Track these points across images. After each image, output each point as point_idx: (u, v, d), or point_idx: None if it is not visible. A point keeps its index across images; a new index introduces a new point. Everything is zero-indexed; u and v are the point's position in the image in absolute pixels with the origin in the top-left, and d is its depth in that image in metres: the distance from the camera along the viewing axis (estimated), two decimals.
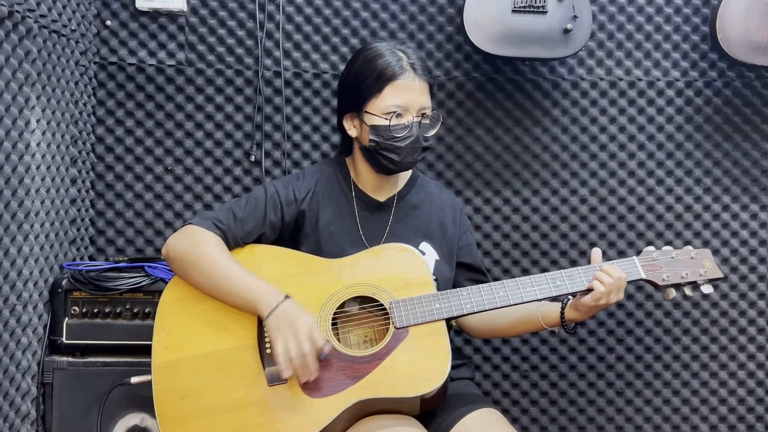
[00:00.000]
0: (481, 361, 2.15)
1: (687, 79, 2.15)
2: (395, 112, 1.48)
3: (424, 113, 1.51)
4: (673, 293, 1.51)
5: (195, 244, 1.46)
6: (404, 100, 1.48)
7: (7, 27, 1.53)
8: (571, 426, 2.15)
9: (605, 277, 1.42)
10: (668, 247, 1.54)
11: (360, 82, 1.51)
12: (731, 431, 2.16)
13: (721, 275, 1.51)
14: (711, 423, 2.15)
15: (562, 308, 1.49)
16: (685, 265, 1.51)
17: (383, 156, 1.51)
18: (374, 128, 1.49)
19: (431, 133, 1.54)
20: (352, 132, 1.57)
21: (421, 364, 1.38)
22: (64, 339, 1.73)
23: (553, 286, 1.46)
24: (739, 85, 2.15)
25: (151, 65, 2.07)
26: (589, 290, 1.44)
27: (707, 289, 1.52)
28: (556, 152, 2.14)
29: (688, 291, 1.52)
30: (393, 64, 1.48)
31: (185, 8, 2.05)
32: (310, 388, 1.37)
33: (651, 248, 1.54)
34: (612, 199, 2.15)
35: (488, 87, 2.12)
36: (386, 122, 1.48)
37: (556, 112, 2.14)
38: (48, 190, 1.74)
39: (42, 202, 1.71)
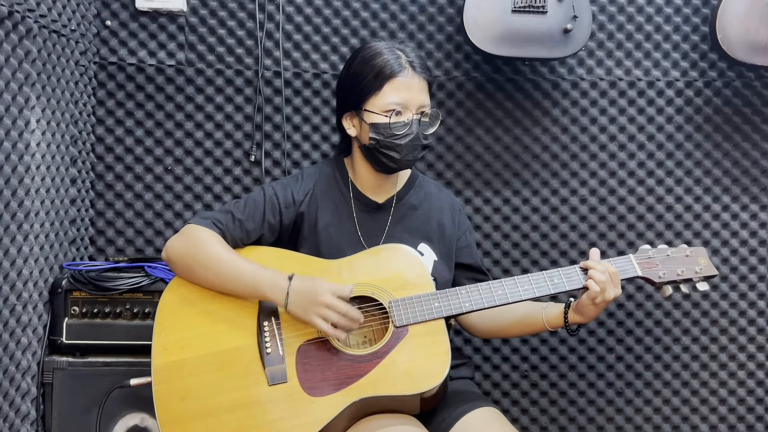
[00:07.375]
0: (481, 361, 2.15)
1: (687, 79, 2.15)
2: (395, 109, 1.48)
3: (424, 111, 1.52)
4: (669, 290, 1.52)
5: (195, 241, 1.47)
6: (403, 98, 1.49)
7: (7, 27, 1.53)
8: (571, 426, 2.15)
9: (597, 274, 1.43)
10: (664, 246, 1.56)
11: (359, 81, 1.51)
12: (731, 431, 2.16)
13: (716, 273, 1.53)
14: (711, 423, 2.15)
15: (566, 311, 1.49)
16: (680, 262, 1.52)
17: (383, 154, 1.51)
18: (374, 126, 1.49)
19: (431, 131, 1.54)
20: (352, 131, 1.57)
21: (420, 363, 1.38)
22: (64, 339, 1.73)
23: (550, 283, 1.47)
24: (738, 85, 2.15)
25: (151, 65, 2.06)
26: (585, 289, 1.45)
27: (703, 286, 1.53)
28: (556, 152, 2.14)
29: (684, 288, 1.53)
30: (392, 62, 1.49)
31: (185, 8, 2.05)
32: (311, 387, 1.37)
33: (647, 246, 1.56)
34: (612, 199, 2.15)
35: (488, 87, 2.12)
36: (386, 120, 1.48)
37: (556, 112, 2.14)
38: (48, 190, 1.74)
39: (42, 202, 1.71)
